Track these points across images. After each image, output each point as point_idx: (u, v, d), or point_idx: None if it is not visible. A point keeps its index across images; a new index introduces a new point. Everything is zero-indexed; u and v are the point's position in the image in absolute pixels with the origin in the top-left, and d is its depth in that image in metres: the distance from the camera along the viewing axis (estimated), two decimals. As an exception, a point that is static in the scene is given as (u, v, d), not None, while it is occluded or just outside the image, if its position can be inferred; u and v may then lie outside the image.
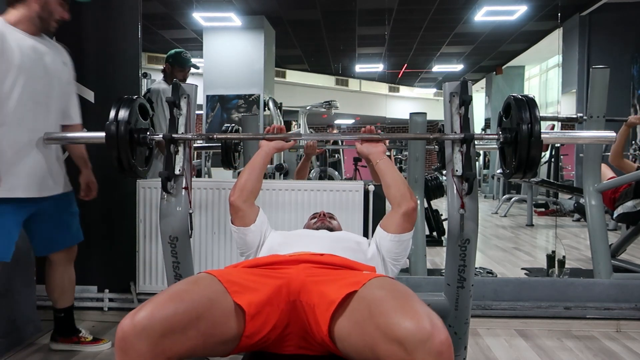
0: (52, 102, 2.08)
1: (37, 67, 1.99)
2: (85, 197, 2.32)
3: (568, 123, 3.33)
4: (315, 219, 1.84)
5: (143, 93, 3.13)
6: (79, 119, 2.27)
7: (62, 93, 2.15)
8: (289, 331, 1.23)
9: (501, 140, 1.53)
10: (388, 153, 1.70)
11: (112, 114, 1.53)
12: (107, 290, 2.80)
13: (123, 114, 1.53)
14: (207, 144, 3.80)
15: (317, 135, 1.94)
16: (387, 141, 1.74)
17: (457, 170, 1.55)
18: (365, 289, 1.11)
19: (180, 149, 1.63)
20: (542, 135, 1.41)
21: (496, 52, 6.96)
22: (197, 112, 1.73)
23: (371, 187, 2.60)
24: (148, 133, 1.62)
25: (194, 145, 4.08)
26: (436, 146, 2.32)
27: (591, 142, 2.85)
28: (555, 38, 4.70)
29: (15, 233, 2.02)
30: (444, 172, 1.63)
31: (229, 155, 3.06)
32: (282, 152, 4.64)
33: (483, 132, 5.55)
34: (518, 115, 1.44)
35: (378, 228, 1.62)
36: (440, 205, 4.59)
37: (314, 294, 1.18)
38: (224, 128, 3.26)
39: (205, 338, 1.09)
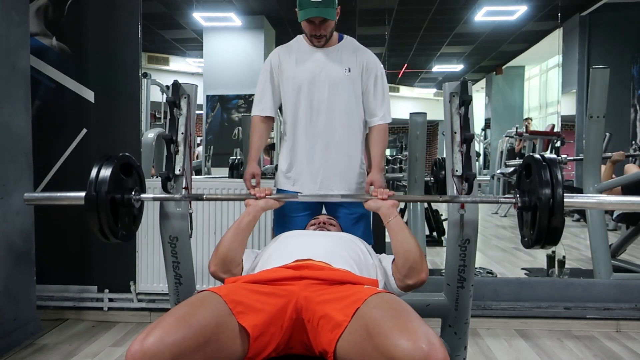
0: None
1: None
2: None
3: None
4: (314, 225, 1.81)
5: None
6: None
7: None
8: (292, 345, 1.24)
9: (519, 204, 1.46)
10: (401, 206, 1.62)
11: (93, 175, 1.44)
12: (107, 290, 2.80)
13: (103, 175, 1.44)
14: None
15: (316, 196, 1.87)
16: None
17: (457, 170, 1.55)
18: (364, 308, 1.11)
19: (181, 148, 1.63)
20: (565, 200, 1.30)
21: (496, 52, 6.95)
22: (197, 112, 1.72)
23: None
24: (133, 193, 1.55)
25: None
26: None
27: (619, 208, 2.80)
28: (555, 38, 4.69)
29: None
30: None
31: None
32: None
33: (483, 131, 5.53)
34: (538, 178, 1.33)
35: (388, 269, 1.55)
36: (440, 205, 4.59)
37: (317, 313, 1.18)
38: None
39: None
